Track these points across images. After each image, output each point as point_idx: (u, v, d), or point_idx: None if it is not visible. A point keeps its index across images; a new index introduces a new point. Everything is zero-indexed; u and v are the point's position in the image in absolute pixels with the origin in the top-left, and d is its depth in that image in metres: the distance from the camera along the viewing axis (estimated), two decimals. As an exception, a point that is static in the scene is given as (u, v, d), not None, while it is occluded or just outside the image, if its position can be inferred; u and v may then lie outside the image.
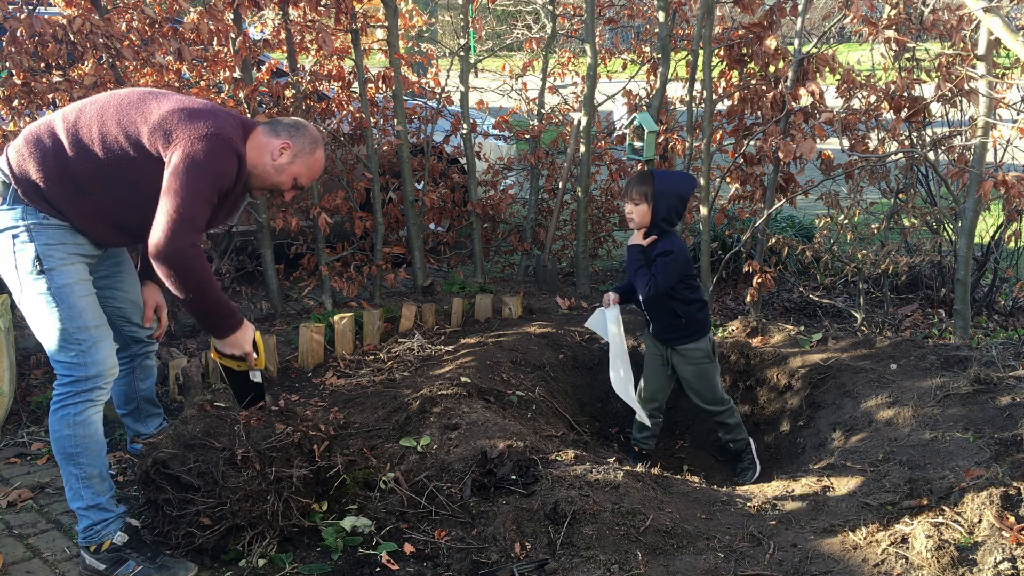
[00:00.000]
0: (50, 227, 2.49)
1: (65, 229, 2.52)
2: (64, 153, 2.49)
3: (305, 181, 2.78)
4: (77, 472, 2.50)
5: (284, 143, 2.69)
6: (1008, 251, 5.12)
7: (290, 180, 2.74)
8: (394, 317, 4.43)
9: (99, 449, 2.54)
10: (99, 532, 2.51)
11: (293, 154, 2.70)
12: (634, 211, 3.34)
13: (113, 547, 2.50)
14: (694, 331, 3.45)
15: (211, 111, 2.56)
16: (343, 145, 4.83)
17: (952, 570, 2.26)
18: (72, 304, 2.48)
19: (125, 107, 2.54)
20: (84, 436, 2.50)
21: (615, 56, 5.95)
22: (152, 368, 3.13)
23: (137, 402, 3.12)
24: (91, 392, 2.50)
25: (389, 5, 4.61)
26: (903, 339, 3.97)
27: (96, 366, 2.50)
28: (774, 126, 4.31)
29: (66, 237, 2.52)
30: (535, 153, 5.56)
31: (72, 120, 2.53)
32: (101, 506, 2.53)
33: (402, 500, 2.72)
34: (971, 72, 3.84)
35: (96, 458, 2.53)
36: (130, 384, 3.08)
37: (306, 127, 2.75)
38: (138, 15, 4.04)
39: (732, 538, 2.51)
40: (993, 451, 2.81)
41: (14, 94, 3.74)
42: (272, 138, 2.69)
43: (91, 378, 2.49)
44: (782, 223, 5.84)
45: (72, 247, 2.54)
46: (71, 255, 2.53)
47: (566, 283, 5.42)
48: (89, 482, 2.51)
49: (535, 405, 3.52)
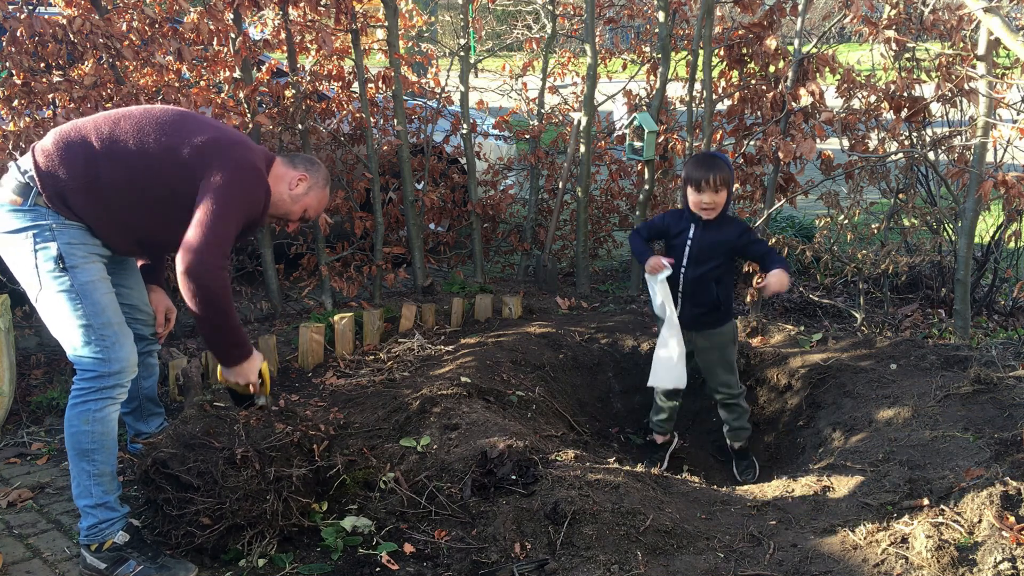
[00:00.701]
0: (71, 227, 2.53)
1: (84, 230, 2.56)
2: (96, 162, 2.52)
3: (312, 214, 2.93)
4: (90, 469, 2.52)
5: (301, 175, 2.84)
6: (1008, 251, 5.12)
7: (301, 210, 2.89)
8: (394, 317, 4.43)
9: (113, 447, 2.57)
10: (103, 531, 2.52)
11: (308, 186, 2.86)
12: (714, 200, 3.28)
13: (115, 546, 2.50)
14: (726, 314, 3.48)
15: (246, 141, 2.70)
16: (343, 145, 4.83)
17: (952, 570, 2.26)
18: (96, 301, 2.51)
19: (164, 124, 2.60)
20: (102, 433, 2.52)
21: (615, 56, 5.94)
22: (155, 367, 3.15)
23: (139, 400, 3.14)
24: (112, 389, 2.53)
25: (389, 5, 4.62)
26: (903, 339, 3.97)
27: (120, 362, 2.53)
28: (774, 126, 4.31)
29: (86, 237, 2.56)
30: (535, 153, 5.56)
31: (108, 131, 2.56)
32: (109, 505, 2.54)
33: (402, 500, 2.72)
34: (971, 72, 3.84)
35: (110, 456, 2.55)
36: (133, 382, 3.07)
37: (320, 165, 2.93)
38: (138, 15, 4.04)
39: (732, 538, 2.51)
40: (993, 451, 2.81)
41: (14, 94, 3.74)
42: (290, 169, 2.84)
43: (114, 374, 2.53)
44: (782, 223, 5.84)
45: (92, 247, 2.58)
46: (91, 254, 2.57)
47: (566, 283, 5.42)
48: (100, 479, 2.53)
49: (535, 405, 3.52)
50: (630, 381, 4.12)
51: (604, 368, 4.15)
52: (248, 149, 2.66)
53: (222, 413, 2.73)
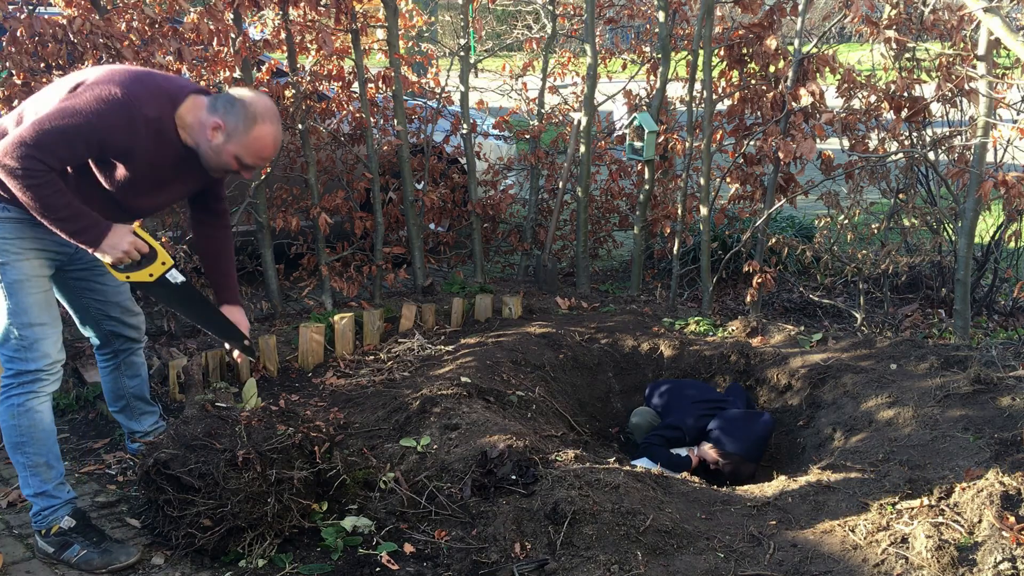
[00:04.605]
0: (10, 220, 2.50)
1: (25, 223, 2.50)
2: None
3: (250, 161, 2.56)
4: (24, 461, 2.57)
5: (216, 122, 2.49)
6: (1008, 251, 5.12)
7: (232, 160, 2.54)
8: (394, 317, 4.43)
9: (45, 438, 2.60)
10: (47, 517, 2.59)
11: (226, 134, 2.50)
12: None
13: (60, 531, 2.58)
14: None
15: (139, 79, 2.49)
16: (343, 145, 4.83)
17: (952, 570, 2.26)
18: (19, 300, 2.52)
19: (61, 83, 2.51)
20: (29, 426, 2.56)
21: (615, 56, 5.94)
22: (140, 365, 3.10)
23: (126, 400, 3.10)
24: (33, 384, 2.56)
25: (389, 5, 4.61)
26: (903, 339, 3.97)
27: (36, 361, 2.55)
28: (774, 126, 4.31)
29: (25, 231, 2.52)
30: (535, 153, 5.56)
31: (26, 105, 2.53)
32: (48, 493, 2.60)
33: (402, 500, 2.72)
34: (971, 72, 3.84)
35: (42, 447, 2.58)
36: (116, 380, 3.07)
37: (243, 102, 2.51)
38: (138, 15, 4.04)
39: (732, 538, 2.51)
40: (993, 451, 2.81)
41: (14, 94, 3.74)
42: (209, 116, 2.51)
43: (32, 372, 2.55)
44: (782, 223, 5.84)
45: (31, 241, 2.54)
46: (28, 250, 2.54)
47: (566, 283, 5.42)
48: (36, 470, 2.58)
49: (535, 405, 3.52)
50: (630, 381, 4.12)
51: (604, 368, 4.15)
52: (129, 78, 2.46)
53: (223, 414, 2.73)
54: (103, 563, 2.52)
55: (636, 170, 5.36)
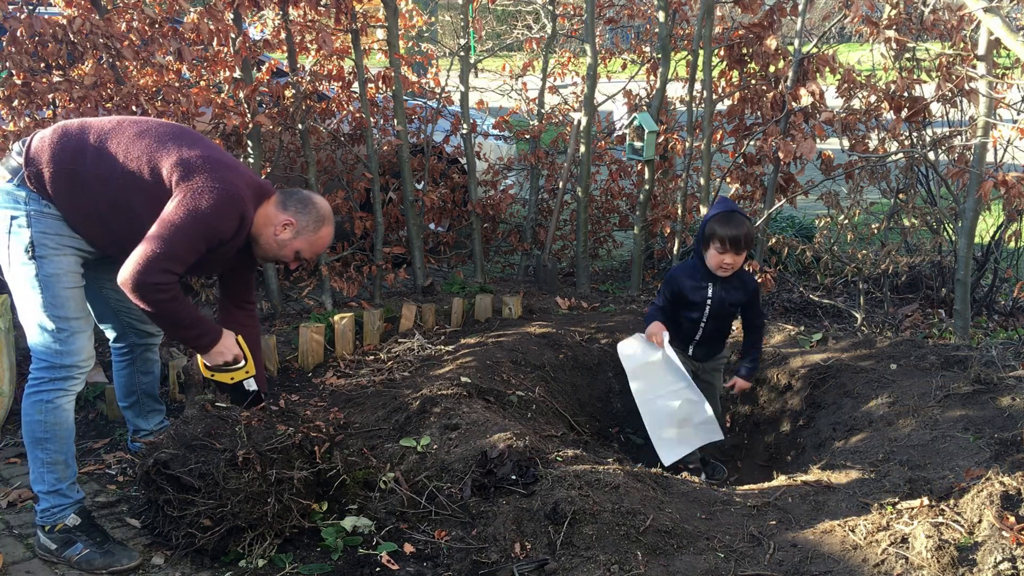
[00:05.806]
0: (49, 216, 2.56)
1: (61, 221, 2.58)
2: (85, 151, 2.57)
3: (307, 255, 2.83)
4: (43, 457, 2.58)
5: (287, 220, 2.72)
6: (1008, 251, 5.12)
7: (291, 254, 2.79)
8: (394, 317, 4.43)
9: (67, 437, 2.61)
10: (55, 515, 2.59)
11: (296, 231, 2.75)
12: (736, 261, 3.28)
13: (65, 528, 2.58)
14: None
15: (234, 167, 2.65)
16: (343, 145, 4.83)
17: (952, 570, 2.26)
18: (56, 293, 2.55)
19: (160, 135, 2.62)
20: (54, 423, 2.57)
21: (615, 56, 5.94)
22: (154, 362, 3.16)
23: (138, 395, 3.15)
24: (65, 380, 2.58)
25: (389, 5, 4.61)
26: (903, 339, 3.97)
27: (72, 355, 2.58)
28: (774, 126, 4.31)
29: (62, 228, 2.59)
30: (535, 153, 5.56)
31: (108, 128, 2.61)
32: (61, 492, 2.60)
33: (402, 500, 2.72)
34: (971, 72, 3.84)
35: (63, 445, 2.60)
36: (131, 376, 3.12)
37: (315, 204, 2.77)
38: (138, 15, 4.04)
39: (732, 538, 2.51)
40: (993, 451, 2.81)
41: (14, 94, 3.74)
42: (280, 212, 2.73)
43: (66, 367, 2.57)
44: (782, 223, 5.84)
45: (67, 238, 2.60)
46: (64, 246, 2.59)
47: (566, 283, 5.42)
48: (53, 467, 2.59)
49: (535, 405, 3.52)
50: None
51: (604, 368, 4.15)
52: (234, 173, 2.60)
53: (224, 414, 2.73)
54: (104, 564, 2.52)
55: (636, 170, 5.36)
